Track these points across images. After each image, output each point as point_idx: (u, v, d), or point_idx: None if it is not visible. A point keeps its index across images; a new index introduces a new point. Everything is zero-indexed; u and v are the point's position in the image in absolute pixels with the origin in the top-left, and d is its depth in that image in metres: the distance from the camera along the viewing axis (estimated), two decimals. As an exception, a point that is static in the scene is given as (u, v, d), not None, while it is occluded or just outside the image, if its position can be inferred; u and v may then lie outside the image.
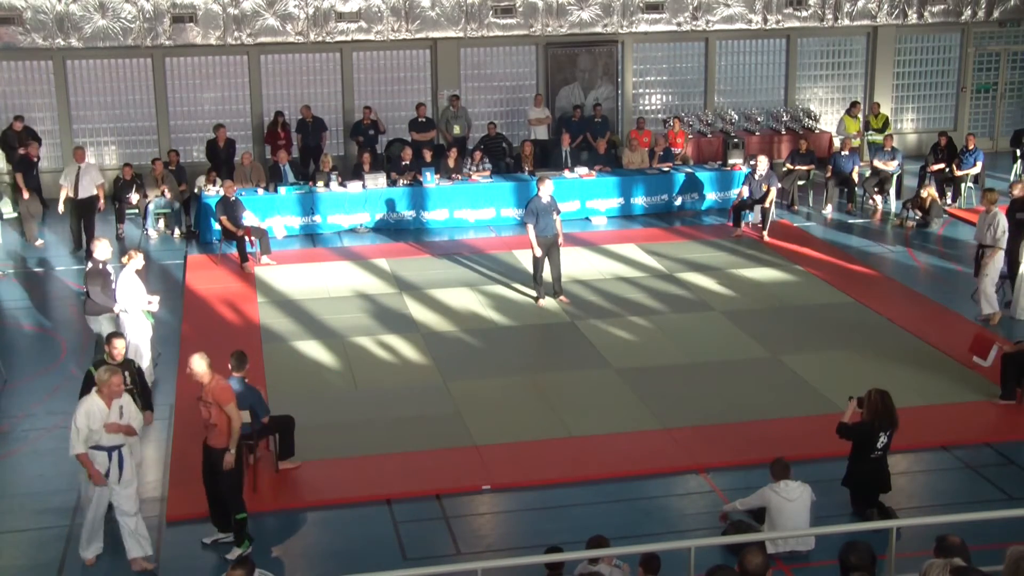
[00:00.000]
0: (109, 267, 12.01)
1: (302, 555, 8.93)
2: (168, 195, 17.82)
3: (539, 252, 14.22)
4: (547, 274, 14.47)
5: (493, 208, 18.27)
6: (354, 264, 16.22)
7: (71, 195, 16.70)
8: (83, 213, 16.80)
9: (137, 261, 11.84)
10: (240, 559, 7.50)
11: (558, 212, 14.43)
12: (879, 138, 20.21)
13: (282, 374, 12.28)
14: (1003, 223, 13.38)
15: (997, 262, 13.49)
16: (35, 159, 18.37)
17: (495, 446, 10.66)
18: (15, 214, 18.19)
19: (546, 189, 14.18)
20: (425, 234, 17.74)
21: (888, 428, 9.21)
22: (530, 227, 14.25)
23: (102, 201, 16.98)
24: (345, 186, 17.85)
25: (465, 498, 9.78)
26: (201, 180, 18.23)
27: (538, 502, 9.69)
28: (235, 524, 8.79)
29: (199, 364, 8.84)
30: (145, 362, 11.87)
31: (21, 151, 18.81)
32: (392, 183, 18.18)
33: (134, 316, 11.79)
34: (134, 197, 17.74)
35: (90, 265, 11.93)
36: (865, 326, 13.72)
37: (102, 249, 11.97)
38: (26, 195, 17.37)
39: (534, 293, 14.56)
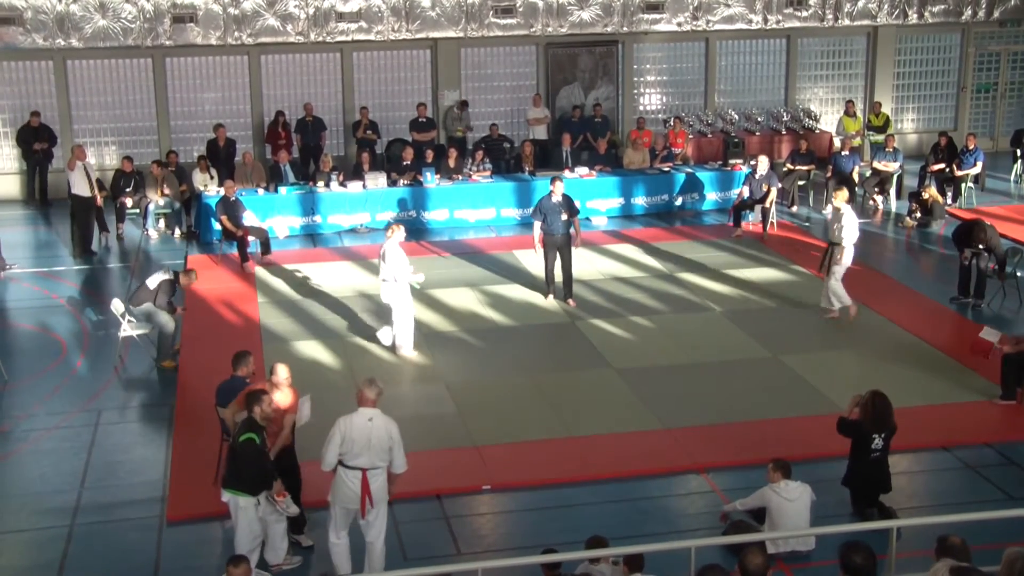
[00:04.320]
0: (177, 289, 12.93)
1: (302, 555, 8.92)
2: (168, 193, 17.80)
3: (538, 250, 14.37)
4: (557, 275, 14.49)
5: (493, 208, 18.26)
6: (354, 264, 16.22)
7: (80, 194, 16.67)
8: (84, 215, 16.81)
9: (400, 234, 12.68)
10: (236, 557, 7.49)
11: (574, 213, 14.40)
12: (880, 138, 20.20)
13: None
14: (850, 221, 13.43)
15: (845, 259, 13.51)
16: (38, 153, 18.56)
17: (495, 446, 10.66)
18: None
19: (558, 189, 14.18)
20: (425, 234, 17.73)
21: (881, 431, 9.20)
22: (536, 224, 14.37)
23: (99, 199, 16.97)
24: (345, 186, 17.85)
25: (465, 498, 9.78)
26: (197, 175, 18.21)
27: (538, 502, 9.69)
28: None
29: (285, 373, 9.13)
30: (405, 336, 12.69)
31: (36, 146, 18.91)
32: (392, 183, 18.18)
33: (401, 286, 12.49)
34: (129, 200, 17.72)
35: (166, 278, 12.73)
36: (865, 326, 13.72)
37: (188, 279, 13.04)
38: None
39: (544, 290, 14.62)
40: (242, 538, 8.41)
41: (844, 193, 13.86)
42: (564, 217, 14.15)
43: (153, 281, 12.68)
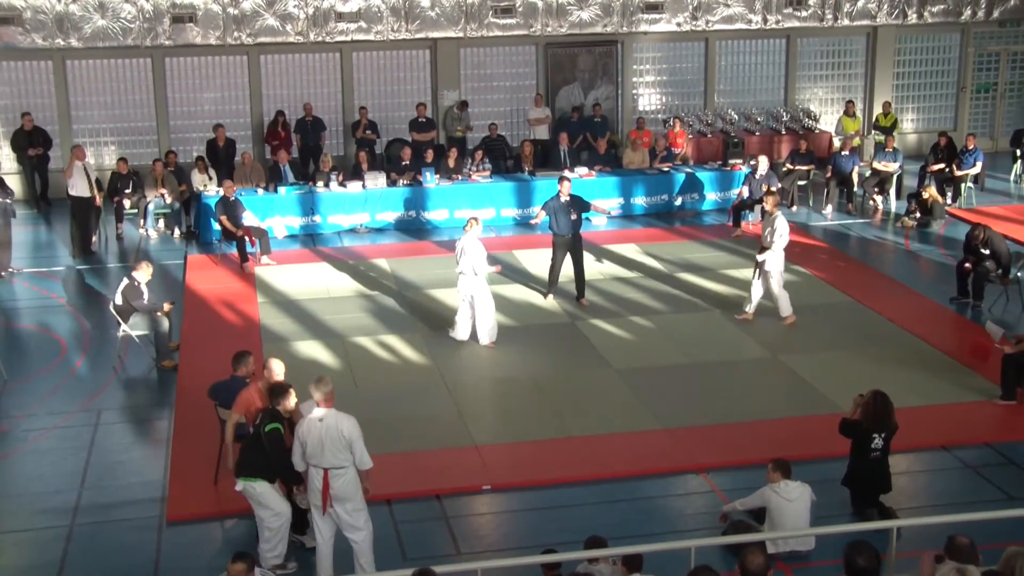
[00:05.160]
0: (143, 286, 12.59)
1: (301, 554, 8.92)
2: (168, 197, 17.81)
3: (539, 217, 14.45)
4: (566, 275, 14.50)
5: (493, 208, 18.25)
6: (354, 264, 16.21)
7: (80, 195, 16.66)
8: (83, 215, 16.80)
9: (478, 228, 12.94)
10: (240, 553, 7.48)
11: (585, 209, 14.44)
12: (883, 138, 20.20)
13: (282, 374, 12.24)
14: (782, 227, 13.42)
15: (776, 264, 13.48)
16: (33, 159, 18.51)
17: (495, 446, 10.66)
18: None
19: (565, 189, 14.16)
20: (425, 234, 17.73)
21: (881, 430, 9.19)
22: (539, 211, 14.44)
23: (99, 200, 16.98)
24: (345, 186, 17.85)
25: (465, 498, 9.78)
26: (196, 176, 18.20)
27: (538, 502, 9.69)
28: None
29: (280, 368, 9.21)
30: (487, 327, 12.97)
31: (31, 152, 18.76)
32: (392, 183, 18.18)
33: (479, 279, 12.77)
34: (127, 200, 17.70)
35: (126, 282, 12.60)
36: (865, 326, 13.72)
37: (144, 273, 12.68)
38: None
39: (545, 289, 14.59)
40: (279, 509, 8.42)
41: (774, 198, 13.94)
42: (573, 217, 14.13)
43: (119, 296, 12.64)
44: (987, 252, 14.12)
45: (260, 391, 9.11)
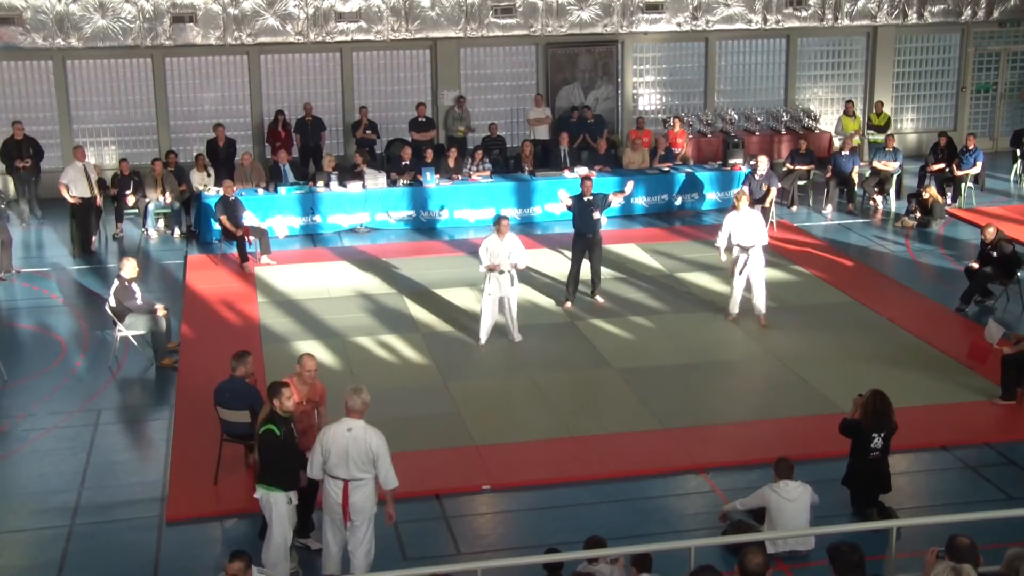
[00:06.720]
0: (134, 285, 12.65)
1: (303, 557, 8.92)
2: (168, 197, 17.80)
3: (563, 200, 14.36)
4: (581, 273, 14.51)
5: (493, 208, 18.23)
6: (354, 264, 16.22)
7: (80, 195, 16.65)
8: (83, 215, 16.80)
9: (504, 227, 13.14)
10: (238, 551, 7.47)
11: (607, 206, 14.45)
12: (880, 137, 20.20)
13: (282, 374, 12.18)
14: (759, 225, 13.46)
15: (759, 260, 13.45)
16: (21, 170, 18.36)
17: (495, 446, 10.66)
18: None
19: (587, 188, 14.13)
20: (425, 234, 17.73)
21: (881, 430, 9.20)
22: (567, 200, 14.32)
23: (99, 200, 16.99)
24: (345, 186, 17.85)
25: (465, 498, 9.78)
26: (195, 174, 18.19)
27: (538, 502, 9.69)
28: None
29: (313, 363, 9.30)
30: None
31: (18, 164, 18.45)
32: (392, 183, 18.18)
33: (490, 277, 12.99)
34: (131, 198, 17.71)
35: (116, 283, 12.64)
36: (865, 326, 13.72)
37: (129, 268, 12.66)
38: None
39: (564, 296, 14.46)
40: (276, 538, 8.31)
41: (746, 197, 13.95)
42: (595, 216, 14.11)
43: (112, 298, 12.68)
44: (995, 255, 14.07)
45: (293, 384, 9.13)
